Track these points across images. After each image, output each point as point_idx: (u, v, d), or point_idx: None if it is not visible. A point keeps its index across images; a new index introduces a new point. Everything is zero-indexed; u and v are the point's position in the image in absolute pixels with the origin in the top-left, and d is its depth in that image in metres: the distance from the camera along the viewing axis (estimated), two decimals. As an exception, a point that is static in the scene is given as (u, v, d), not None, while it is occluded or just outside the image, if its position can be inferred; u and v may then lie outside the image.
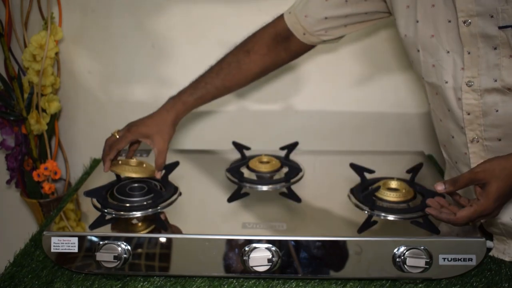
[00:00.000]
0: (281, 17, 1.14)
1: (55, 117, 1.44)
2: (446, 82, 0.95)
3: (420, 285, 0.93)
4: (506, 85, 0.88)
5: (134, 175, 1.05)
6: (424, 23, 0.95)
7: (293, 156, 1.25)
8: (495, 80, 0.88)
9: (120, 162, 1.08)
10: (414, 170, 1.11)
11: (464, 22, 0.88)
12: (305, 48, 1.16)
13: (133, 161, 1.09)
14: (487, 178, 0.82)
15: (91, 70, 1.48)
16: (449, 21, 0.91)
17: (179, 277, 0.95)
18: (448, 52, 0.93)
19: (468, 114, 0.93)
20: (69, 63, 1.47)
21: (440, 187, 0.85)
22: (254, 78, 1.17)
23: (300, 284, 0.93)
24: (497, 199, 0.82)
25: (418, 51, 0.97)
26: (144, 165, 1.09)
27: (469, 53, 0.90)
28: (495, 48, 0.87)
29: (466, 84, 0.91)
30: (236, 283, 0.93)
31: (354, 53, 1.44)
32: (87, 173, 1.38)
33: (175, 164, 1.13)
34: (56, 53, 1.39)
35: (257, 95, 1.48)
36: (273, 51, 1.14)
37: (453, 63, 0.93)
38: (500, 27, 0.85)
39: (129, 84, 1.49)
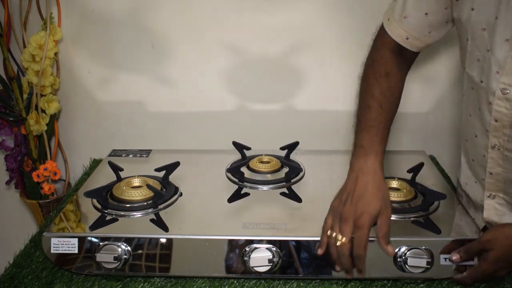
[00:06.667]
0: (382, 29, 1.04)
1: (54, 118, 1.44)
2: (481, 82, 0.90)
3: (421, 285, 0.93)
4: None
5: None
6: (478, 12, 0.88)
7: (294, 156, 1.25)
8: None
9: None
10: (415, 170, 1.11)
11: None
12: (416, 54, 1.06)
13: None
14: (492, 246, 0.87)
15: (91, 70, 1.48)
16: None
17: (179, 278, 0.94)
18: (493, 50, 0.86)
19: (496, 121, 0.89)
20: (69, 63, 1.47)
21: (455, 257, 0.90)
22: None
23: (301, 284, 0.93)
24: (495, 263, 0.87)
25: (467, 40, 0.92)
26: None
27: None
28: None
29: (501, 91, 0.86)
30: (237, 284, 0.93)
31: (354, 53, 1.43)
32: (87, 174, 1.37)
33: (176, 164, 1.13)
34: (56, 53, 1.39)
35: (257, 95, 1.48)
36: (400, 65, 1.04)
37: (495, 64, 0.87)
38: None
39: (128, 84, 1.49)
